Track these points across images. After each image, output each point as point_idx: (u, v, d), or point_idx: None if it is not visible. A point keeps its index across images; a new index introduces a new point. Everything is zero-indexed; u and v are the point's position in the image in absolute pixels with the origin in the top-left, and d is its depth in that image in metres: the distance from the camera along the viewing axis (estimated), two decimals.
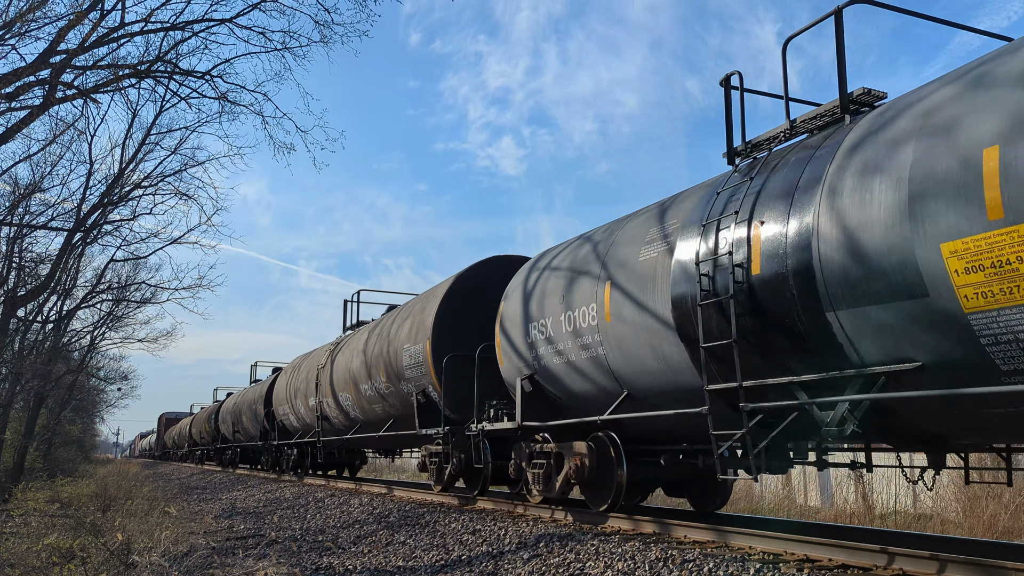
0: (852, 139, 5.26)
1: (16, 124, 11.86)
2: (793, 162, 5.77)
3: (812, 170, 5.44)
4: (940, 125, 4.52)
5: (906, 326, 4.63)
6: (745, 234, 5.81)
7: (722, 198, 6.36)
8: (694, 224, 6.54)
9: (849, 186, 5.01)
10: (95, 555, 9.03)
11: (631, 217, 8.16)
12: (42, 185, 22.97)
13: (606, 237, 8.21)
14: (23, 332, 27.90)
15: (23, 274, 23.27)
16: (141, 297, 30.04)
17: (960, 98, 4.52)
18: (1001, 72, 4.36)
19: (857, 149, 5.12)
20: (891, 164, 4.74)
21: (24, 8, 11.16)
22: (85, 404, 51.68)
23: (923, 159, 4.51)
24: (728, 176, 6.68)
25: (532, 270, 9.66)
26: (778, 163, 5.98)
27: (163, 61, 13.18)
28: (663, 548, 6.11)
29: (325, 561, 8.55)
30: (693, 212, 6.72)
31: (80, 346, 34.84)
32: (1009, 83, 4.24)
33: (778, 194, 5.66)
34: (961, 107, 4.46)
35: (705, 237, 6.27)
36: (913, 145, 4.64)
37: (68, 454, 43.28)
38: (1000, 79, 4.33)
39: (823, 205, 5.16)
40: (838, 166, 5.20)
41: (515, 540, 7.61)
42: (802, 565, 5.30)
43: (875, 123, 5.20)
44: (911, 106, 4.92)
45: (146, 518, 12.45)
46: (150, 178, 21.91)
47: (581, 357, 8.01)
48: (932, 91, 4.85)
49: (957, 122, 4.42)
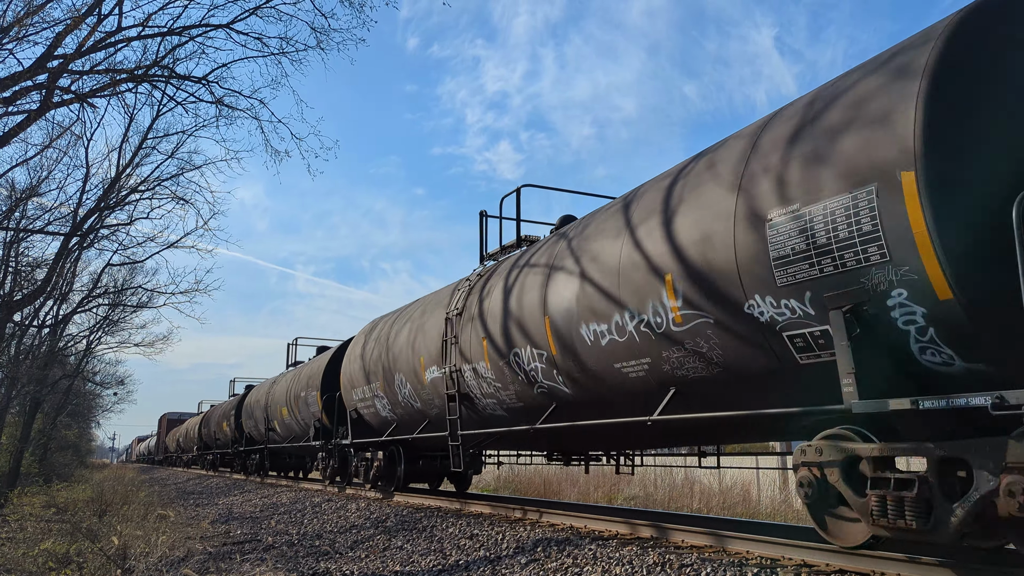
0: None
1: (13, 128, 11.83)
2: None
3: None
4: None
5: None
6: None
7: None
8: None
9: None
10: (91, 560, 9.01)
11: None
12: (39, 189, 22.94)
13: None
14: (19, 337, 27.82)
15: (19, 278, 23.20)
16: (137, 301, 29.98)
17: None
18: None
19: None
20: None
21: (21, 13, 11.16)
22: (81, 409, 51.54)
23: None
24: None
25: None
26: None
27: (160, 66, 13.17)
28: (660, 553, 6.11)
29: (322, 566, 8.53)
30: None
31: (76, 350, 34.77)
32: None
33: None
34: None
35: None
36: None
37: (64, 459, 43.15)
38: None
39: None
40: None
41: (512, 545, 7.60)
42: (799, 570, 5.31)
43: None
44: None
45: (142, 523, 12.42)
46: (147, 182, 21.87)
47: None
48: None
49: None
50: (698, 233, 5.85)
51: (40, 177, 23.20)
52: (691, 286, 5.91)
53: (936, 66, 4.33)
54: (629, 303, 6.67)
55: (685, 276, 5.96)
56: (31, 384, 26.22)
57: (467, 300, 10.31)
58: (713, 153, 6.30)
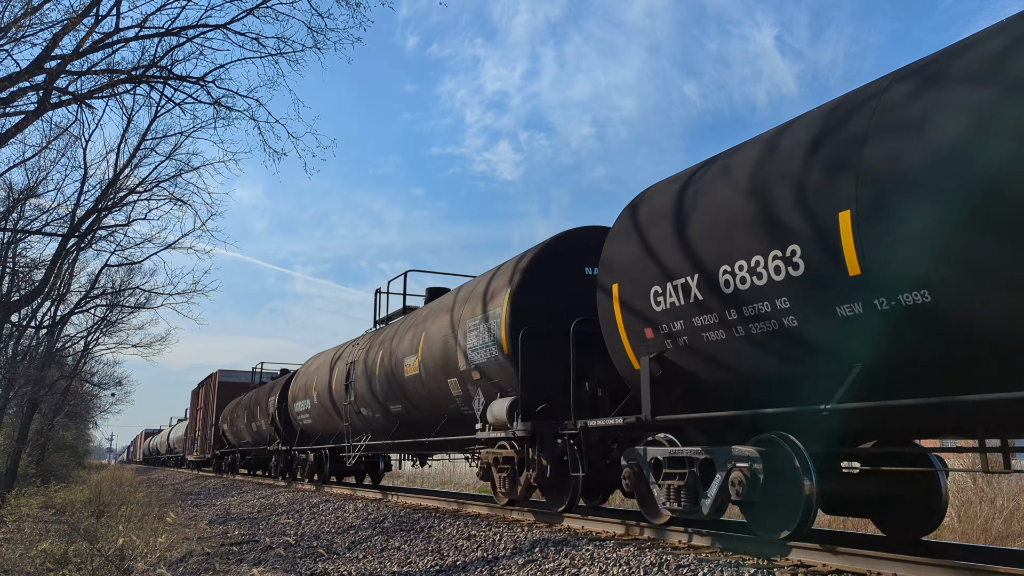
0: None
1: (10, 129, 11.83)
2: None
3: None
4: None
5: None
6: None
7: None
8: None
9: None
10: (89, 561, 9.00)
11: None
12: (36, 190, 22.95)
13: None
14: (17, 337, 27.81)
15: (17, 279, 23.20)
16: (135, 302, 29.98)
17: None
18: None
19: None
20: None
21: (19, 13, 11.16)
22: (79, 410, 51.47)
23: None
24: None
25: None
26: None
27: (158, 66, 13.18)
28: (658, 553, 6.12)
29: (320, 567, 8.54)
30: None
31: (74, 351, 34.76)
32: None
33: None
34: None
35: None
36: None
37: (61, 460, 43.10)
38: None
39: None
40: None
41: (510, 545, 7.61)
42: (796, 570, 5.32)
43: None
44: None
45: (141, 524, 12.41)
46: (145, 183, 21.87)
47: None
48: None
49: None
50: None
51: (38, 178, 23.22)
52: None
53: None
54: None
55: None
56: (28, 385, 26.20)
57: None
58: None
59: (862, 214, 4.82)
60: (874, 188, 4.77)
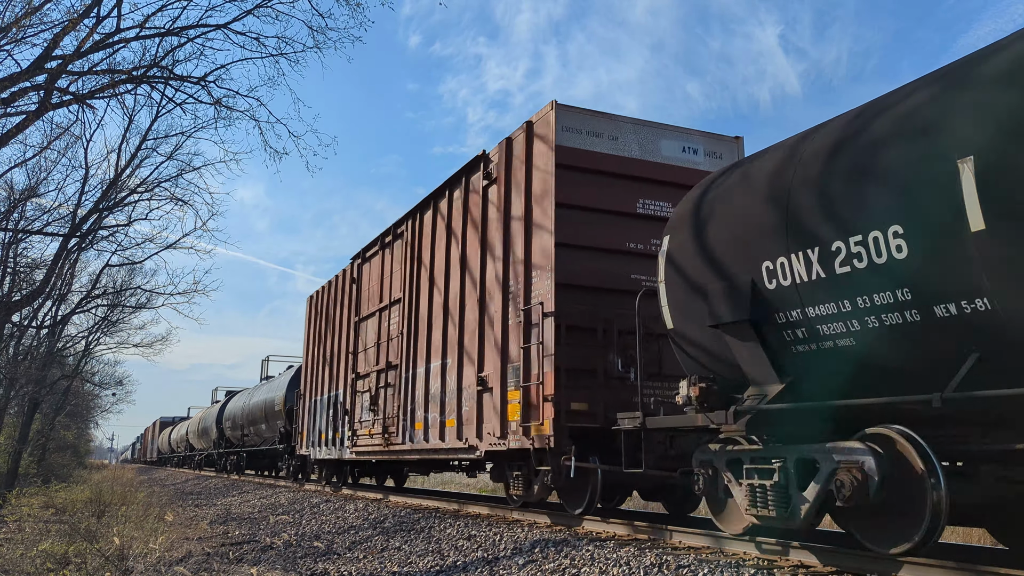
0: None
1: (11, 129, 11.83)
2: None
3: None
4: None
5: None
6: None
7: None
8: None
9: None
10: (90, 561, 9.01)
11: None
12: (38, 190, 22.97)
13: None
14: (18, 337, 27.82)
15: (18, 279, 23.22)
16: (136, 302, 30.01)
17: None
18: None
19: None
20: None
21: (20, 13, 11.17)
22: (80, 409, 51.53)
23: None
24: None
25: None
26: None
27: (159, 67, 13.19)
28: (658, 554, 6.12)
29: (320, 567, 8.54)
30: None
31: (75, 351, 34.78)
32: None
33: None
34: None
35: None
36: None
37: (62, 459, 43.13)
38: None
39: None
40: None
41: (510, 546, 7.61)
42: (796, 571, 5.32)
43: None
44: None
45: (141, 524, 12.42)
46: (146, 183, 21.87)
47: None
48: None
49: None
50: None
51: (39, 178, 23.26)
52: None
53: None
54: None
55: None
56: (29, 385, 26.21)
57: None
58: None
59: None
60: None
